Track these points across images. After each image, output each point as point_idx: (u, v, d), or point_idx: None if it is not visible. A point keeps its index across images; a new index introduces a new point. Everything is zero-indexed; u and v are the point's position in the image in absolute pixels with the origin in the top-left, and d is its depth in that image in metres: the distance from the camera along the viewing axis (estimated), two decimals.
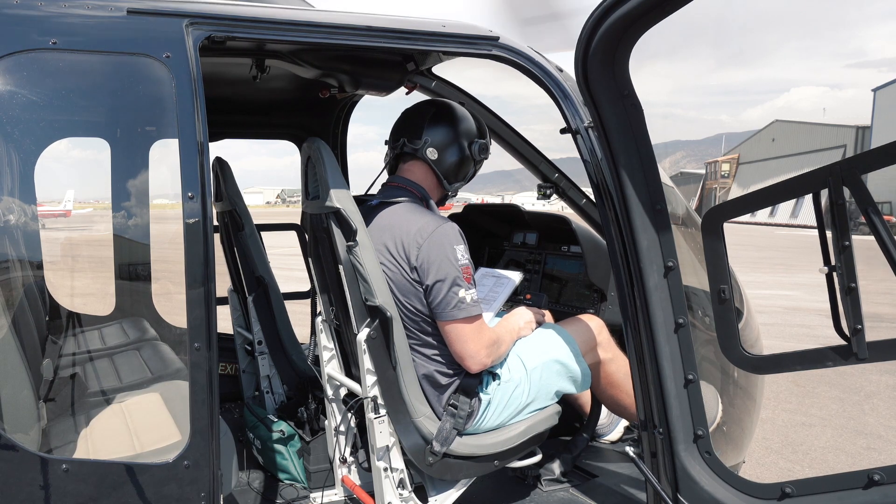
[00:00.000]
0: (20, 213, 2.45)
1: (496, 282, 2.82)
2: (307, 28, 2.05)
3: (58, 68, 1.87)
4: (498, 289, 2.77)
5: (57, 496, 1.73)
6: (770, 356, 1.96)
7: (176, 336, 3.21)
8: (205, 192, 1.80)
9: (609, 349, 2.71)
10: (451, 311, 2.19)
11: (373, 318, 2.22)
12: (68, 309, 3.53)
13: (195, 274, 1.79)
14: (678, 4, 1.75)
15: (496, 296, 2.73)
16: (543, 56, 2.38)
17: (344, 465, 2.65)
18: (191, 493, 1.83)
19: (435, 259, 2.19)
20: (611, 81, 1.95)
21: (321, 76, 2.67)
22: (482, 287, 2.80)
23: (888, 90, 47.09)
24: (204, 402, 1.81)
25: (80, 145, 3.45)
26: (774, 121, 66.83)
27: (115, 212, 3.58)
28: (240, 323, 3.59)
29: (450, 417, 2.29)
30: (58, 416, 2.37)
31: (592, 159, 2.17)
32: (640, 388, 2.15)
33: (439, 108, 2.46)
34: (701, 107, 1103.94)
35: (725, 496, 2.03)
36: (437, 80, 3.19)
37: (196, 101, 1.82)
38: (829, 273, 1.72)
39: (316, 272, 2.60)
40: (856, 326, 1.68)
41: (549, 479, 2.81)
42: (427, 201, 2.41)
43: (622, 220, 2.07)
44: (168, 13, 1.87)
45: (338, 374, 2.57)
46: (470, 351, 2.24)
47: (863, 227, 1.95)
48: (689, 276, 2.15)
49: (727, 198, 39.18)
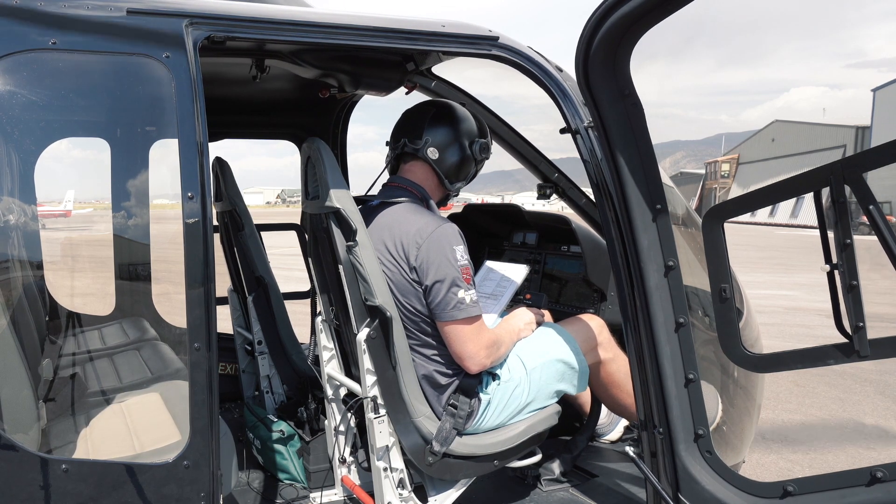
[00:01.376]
0: (20, 213, 2.45)
1: (502, 278, 2.81)
2: (307, 28, 2.05)
3: (58, 68, 1.87)
4: (504, 285, 2.76)
5: (57, 496, 1.73)
6: (771, 354, 1.96)
7: (176, 336, 3.21)
8: (205, 192, 1.80)
9: (610, 349, 2.71)
10: (451, 312, 2.19)
11: (372, 318, 2.22)
12: (68, 309, 3.53)
13: (195, 274, 1.79)
14: (679, 4, 1.75)
15: (501, 294, 2.72)
16: (543, 56, 2.38)
17: (344, 465, 2.65)
18: (191, 493, 1.83)
19: (434, 259, 2.19)
20: (612, 81, 1.95)
21: (321, 76, 2.66)
22: (489, 282, 2.79)
23: (888, 90, 47.09)
24: (204, 402, 1.81)
25: (80, 145, 3.46)
26: (774, 121, 66.84)
27: (115, 212, 3.58)
28: (240, 323, 3.59)
29: (449, 417, 2.29)
30: (58, 416, 2.37)
31: (592, 159, 2.17)
32: (640, 388, 2.15)
33: (440, 108, 2.46)
34: (701, 107, 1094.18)
35: (727, 495, 2.03)
36: (437, 80, 3.19)
37: (196, 102, 1.82)
38: (831, 271, 1.71)
39: (316, 272, 2.60)
40: (857, 324, 1.68)
41: (549, 479, 2.81)
42: (427, 201, 2.41)
43: (622, 220, 2.07)
44: (168, 13, 1.87)
45: (338, 374, 2.57)
46: (469, 351, 2.24)
47: (863, 226, 1.95)
48: (690, 276, 2.15)
49: (727, 198, 39.17)
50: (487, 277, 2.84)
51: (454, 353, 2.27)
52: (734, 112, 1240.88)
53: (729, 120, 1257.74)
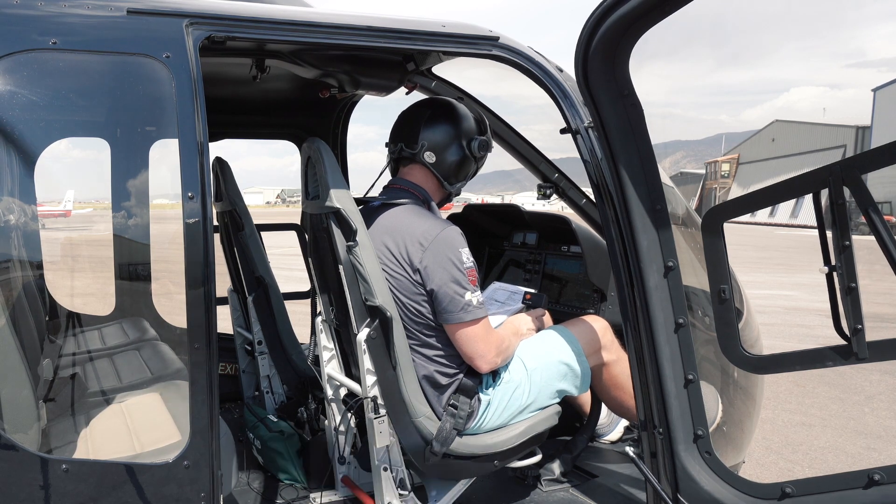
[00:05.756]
0: (20, 213, 2.45)
1: (510, 296, 2.89)
2: (307, 28, 2.05)
3: (58, 68, 1.87)
4: (510, 303, 2.84)
5: (57, 496, 1.73)
6: (770, 356, 1.96)
7: (176, 336, 3.21)
8: (205, 192, 1.80)
9: (613, 351, 2.69)
10: (459, 314, 2.20)
11: (372, 318, 2.22)
12: (68, 309, 3.53)
13: (195, 274, 1.79)
14: (678, 4, 1.75)
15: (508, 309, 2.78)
16: (543, 56, 2.38)
17: (344, 465, 2.65)
18: (191, 493, 1.83)
19: (440, 263, 2.20)
20: (611, 81, 1.95)
21: (321, 76, 2.66)
22: (495, 303, 2.85)
23: (888, 90, 47.08)
24: (204, 402, 1.81)
25: (80, 145, 3.45)
26: (774, 121, 66.83)
27: (115, 212, 3.58)
28: (240, 323, 3.59)
29: (450, 417, 2.29)
30: (58, 417, 2.37)
31: (592, 159, 2.17)
32: (640, 388, 2.15)
33: (435, 109, 2.44)
34: (701, 107, 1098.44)
35: (726, 496, 2.03)
36: (437, 80, 3.19)
37: (196, 101, 1.82)
38: (830, 273, 1.72)
39: (316, 272, 2.60)
40: (856, 326, 1.68)
41: (549, 479, 2.81)
42: (429, 203, 2.41)
43: (622, 220, 2.07)
44: (168, 13, 1.87)
45: (338, 374, 2.57)
46: (480, 351, 2.24)
47: (863, 227, 1.95)
48: (689, 276, 2.15)
49: (727, 198, 39.25)
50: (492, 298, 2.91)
51: (464, 355, 2.27)
52: (734, 112, 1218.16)
53: (729, 120, 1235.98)
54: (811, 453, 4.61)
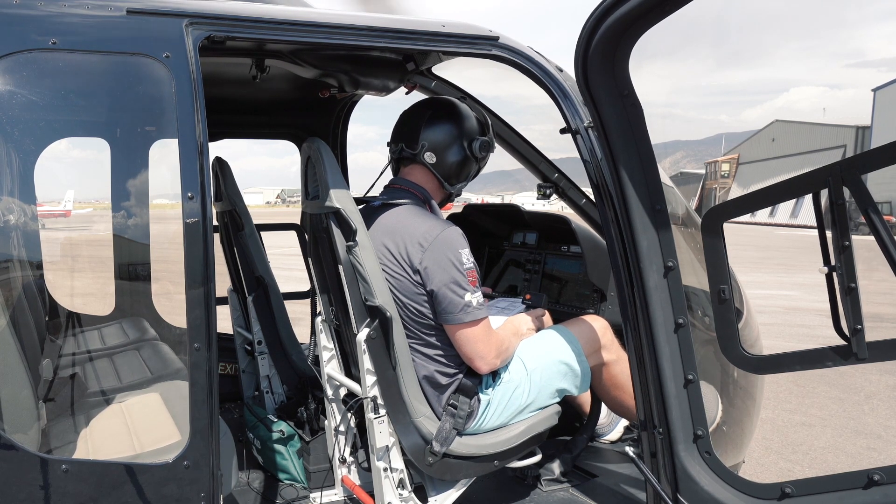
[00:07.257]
0: (20, 213, 2.45)
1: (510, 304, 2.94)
2: (307, 28, 2.05)
3: (58, 68, 1.87)
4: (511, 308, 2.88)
5: (57, 496, 1.73)
6: (770, 356, 1.96)
7: (176, 336, 3.21)
8: (204, 192, 1.80)
9: (614, 351, 2.69)
10: (459, 315, 2.20)
11: (372, 318, 2.22)
12: (68, 309, 3.53)
13: (195, 274, 1.79)
14: (678, 4, 1.75)
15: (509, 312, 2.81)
16: (543, 56, 2.38)
17: (344, 465, 2.65)
18: (191, 493, 1.83)
19: (440, 264, 2.20)
20: (611, 81, 1.95)
21: (321, 76, 2.66)
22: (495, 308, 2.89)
23: (888, 90, 47.09)
24: (204, 403, 1.81)
25: (80, 145, 3.46)
26: (774, 121, 66.84)
27: (115, 212, 3.58)
28: (240, 323, 3.59)
29: (449, 417, 2.29)
30: (58, 417, 2.37)
31: (592, 159, 2.17)
32: (639, 388, 2.15)
33: (436, 109, 2.44)
34: (701, 107, 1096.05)
35: (725, 496, 2.03)
36: (437, 80, 3.19)
37: (196, 101, 1.82)
38: (829, 273, 1.72)
39: (316, 272, 2.60)
40: (856, 326, 1.68)
41: (549, 479, 2.81)
42: (429, 203, 2.41)
43: (622, 220, 2.07)
44: (168, 13, 1.87)
45: (337, 374, 2.57)
46: (480, 352, 2.25)
47: (862, 227, 1.95)
48: (689, 276, 2.15)
49: (727, 198, 39.28)
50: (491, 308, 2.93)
51: (464, 355, 2.27)
52: (734, 112, 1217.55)
53: (729, 120, 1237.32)
54: (811, 453, 4.61)
